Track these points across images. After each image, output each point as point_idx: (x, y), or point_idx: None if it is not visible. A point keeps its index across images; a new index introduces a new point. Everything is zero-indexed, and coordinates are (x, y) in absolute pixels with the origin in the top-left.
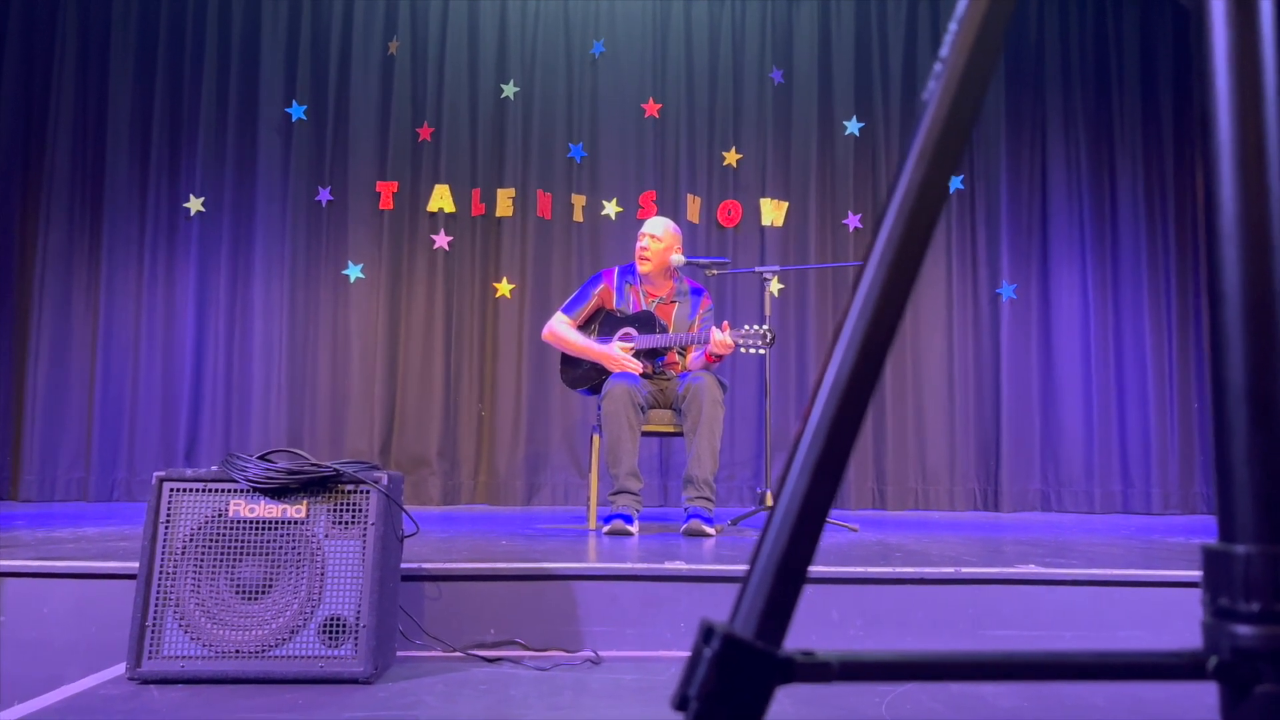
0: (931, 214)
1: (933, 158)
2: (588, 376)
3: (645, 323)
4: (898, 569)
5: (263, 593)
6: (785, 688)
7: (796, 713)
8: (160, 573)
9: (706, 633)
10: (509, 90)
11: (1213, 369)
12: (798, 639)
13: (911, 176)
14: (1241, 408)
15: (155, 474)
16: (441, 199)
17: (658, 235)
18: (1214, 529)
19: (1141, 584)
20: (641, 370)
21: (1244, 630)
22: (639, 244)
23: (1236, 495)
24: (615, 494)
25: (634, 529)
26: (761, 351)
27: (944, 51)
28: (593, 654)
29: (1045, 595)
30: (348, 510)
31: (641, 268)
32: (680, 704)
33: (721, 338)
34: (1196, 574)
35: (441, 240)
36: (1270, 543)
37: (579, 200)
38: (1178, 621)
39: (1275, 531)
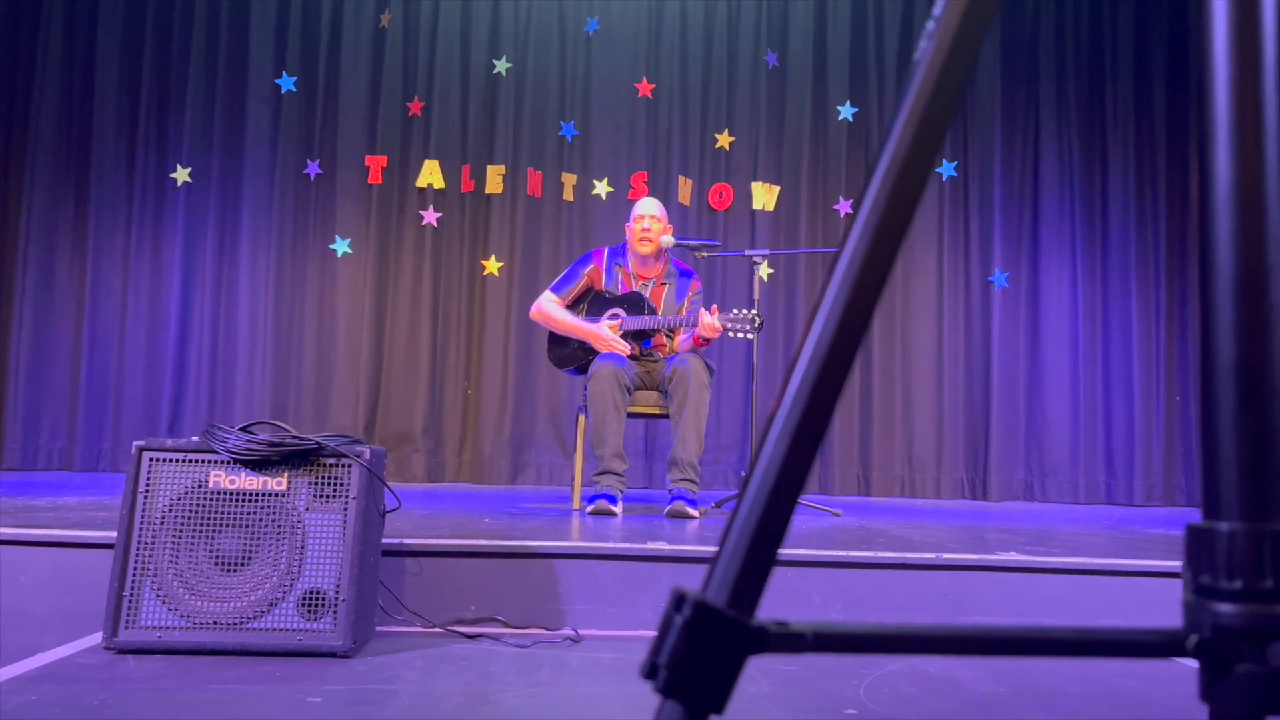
0: (919, 179)
1: (922, 120)
2: (575, 356)
3: (634, 304)
4: (879, 553)
5: (242, 564)
6: (765, 669)
7: (774, 694)
8: (138, 543)
9: (678, 600)
10: (501, 66)
11: (1202, 343)
12: None
13: (900, 139)
14: (1230, 382)
15: (135, 443)
16: (431, 175)
17: (658, 216)
18: (1195, 521)
19: (1121, 573)
20: (629, 351)
21: (1225, 608)
22: (639, 225)
23: (1222, 471)
24: (600, 474)
25: (618, 509)
26: (749, 336)
27: (937, 10)
28: (573, 632)
29: (1025, 582)
30: (329, 484)
31: (643, 249)
32: (650, 672)
33: (710, 321)
34: (1176, 564)
35: (430, 216)
36: (1254, 520)
37: (569, 179)
38: (1156, 610)
39: (1259, 508)
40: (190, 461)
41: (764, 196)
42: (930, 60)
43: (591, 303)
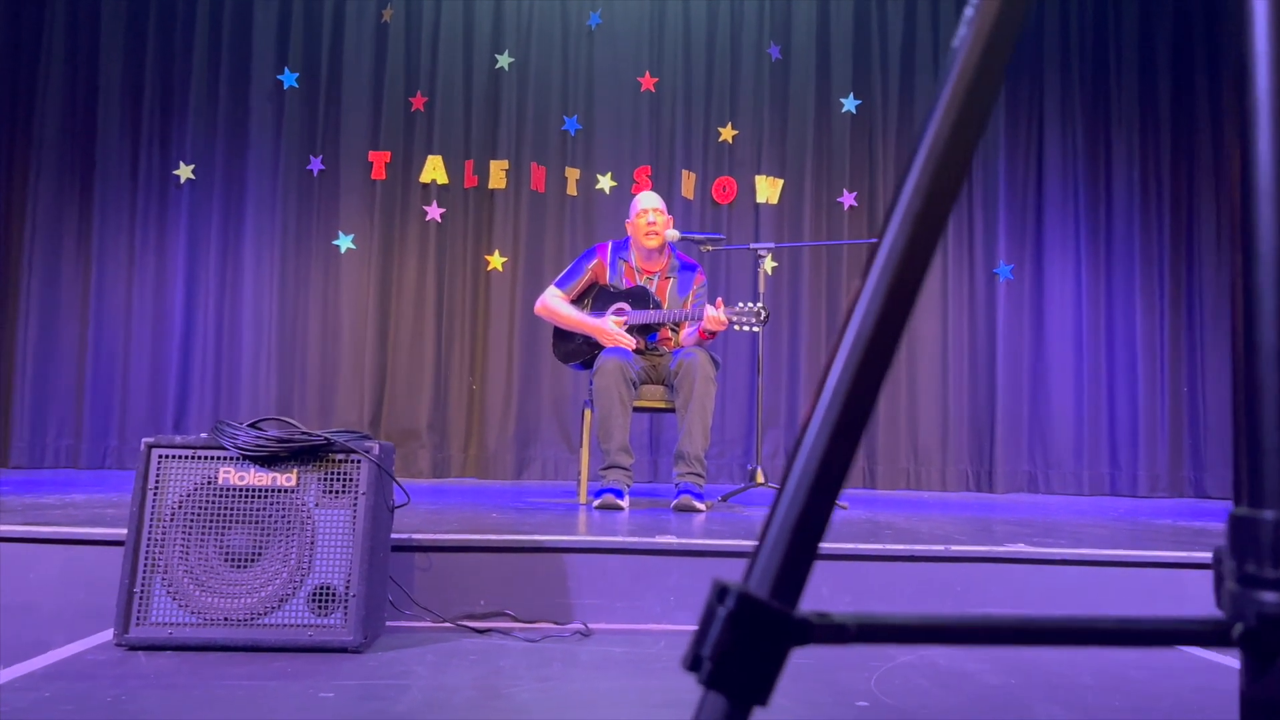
0: (959, 168)
1: (962, 108)
2: (580, 351)
3: (639, 298)
4: (887, 546)
5: (252, 561)
6: None
7: (786, 687)
8: (148, 539)
9: (720, 592)
10: (504, 61)
11: (1244, 330)
12: None
13: (939, 127)
14: (1273, 369)
15: (144, 440)
16: (434, 170)
17: (660, 209)
18: (1200, 513)
19: (1128, 564)
20: (634, 345)
21: (1271, 597)
22: (644, 220)
23: (1266, 460)
24: (606, 469)
25: (624, 504)
26: (755, 329)
27: None
28: (582, 626)
29: (1033, 574)
30: (338, 479)
31: (650, 243)
32: (693, 664)
33: (715, 315)
34: (1184, 554)
35: (434, 212)
36: None
37: (573, 173)
38: (1163, 601)
39: None
40: (199, 458)
41: (768, 190)
42: (970, 47)
43: (596, 297)
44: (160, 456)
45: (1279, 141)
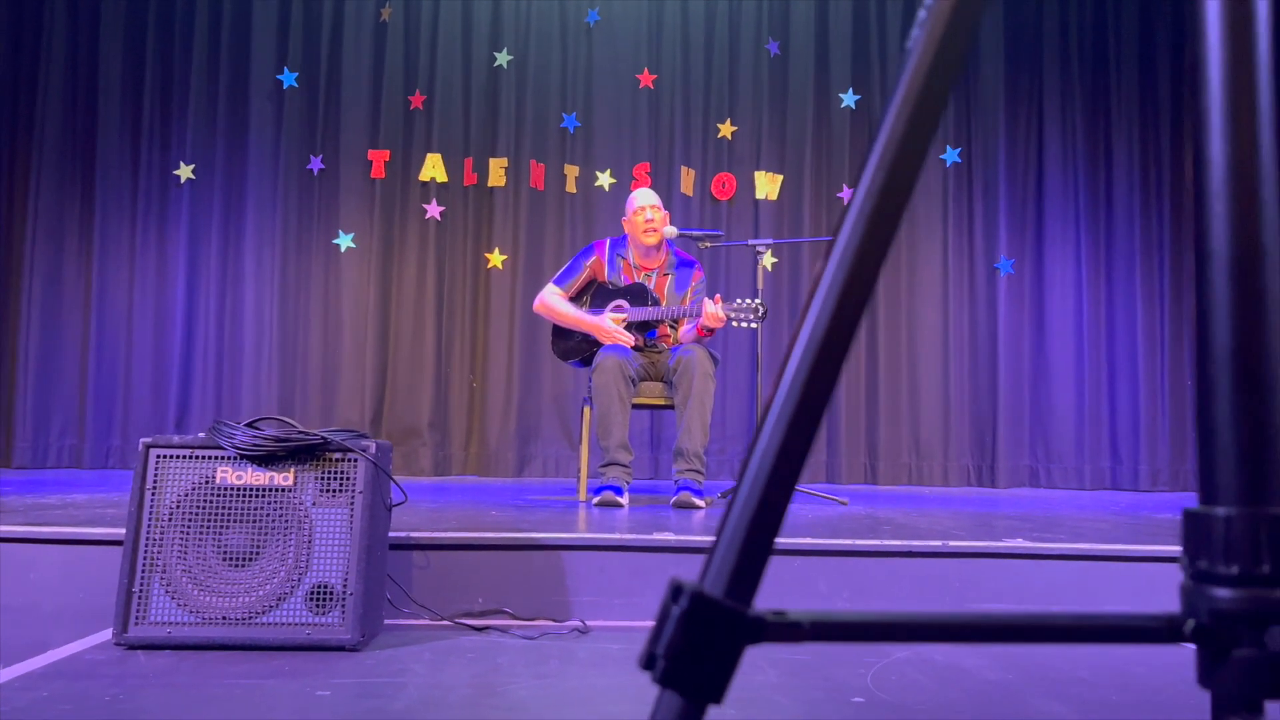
0: (913, 167)
1: (915, 108)
2: (579, 348)
3: (637, 295)
4: (886, 542)
5: (250, 560)
6: (773, 658)
7: (782, 683)
8: (147, 539)
9: (675, 591)
10: (502, 59)
11: (1198, 329)
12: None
13: (893, 127)
14: (1226, 367)
15: (142, 440)
16: (434, 168)
17: (658, 205)
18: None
19: (1128, 559)
20: (633, 342)
21: (1222, 593)
22: (641, 217)
23: (1218, 457)
24: (605, 466)
25: (624, 501)
26: (754, 325)
27: None
28: (580, 624)
29: (1032, 569)
30: (335, 478)
31: (649, 240)
32: (648, 662)
33: (714, 311)
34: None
35: (433, 210)
36: (1251, 504)
37: (572, 171)
38: (1163, 595)
39: (1257, 493)
40: (197, 458)
41: (767, 186)
42: (923, 48)
43: (595, 295)
44: (158, 456)
45: (1230, 142)
